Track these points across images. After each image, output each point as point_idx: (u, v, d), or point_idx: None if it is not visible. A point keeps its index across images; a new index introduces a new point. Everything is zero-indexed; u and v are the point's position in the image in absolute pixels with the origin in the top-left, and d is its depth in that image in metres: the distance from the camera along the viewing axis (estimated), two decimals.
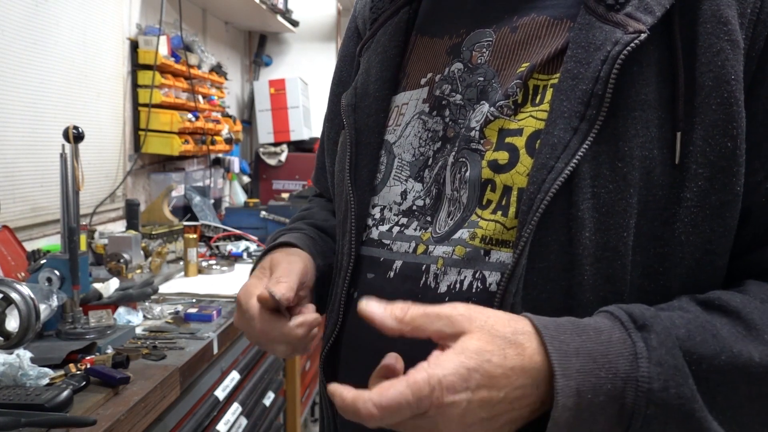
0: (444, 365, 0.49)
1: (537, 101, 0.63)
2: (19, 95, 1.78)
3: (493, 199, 0.63)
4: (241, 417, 1.71)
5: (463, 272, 0.63)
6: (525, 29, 0.66)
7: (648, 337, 0.53)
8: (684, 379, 0.52)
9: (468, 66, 0.69)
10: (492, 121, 0.64)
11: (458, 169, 0.66)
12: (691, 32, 0.58)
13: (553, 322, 0.53)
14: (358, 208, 0.73)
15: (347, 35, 0.89)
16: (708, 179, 0.57)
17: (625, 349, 0.52)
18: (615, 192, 0.57)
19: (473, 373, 0.49)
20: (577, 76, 0.58)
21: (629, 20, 0.57)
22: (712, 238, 0.58)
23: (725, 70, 0.57)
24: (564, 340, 0.52)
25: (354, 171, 0.74)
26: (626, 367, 0.51)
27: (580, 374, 0.51)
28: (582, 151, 0.57)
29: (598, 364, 0.51)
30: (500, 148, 0.63)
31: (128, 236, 1.91)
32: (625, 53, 0.56)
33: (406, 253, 0.68)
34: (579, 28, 0.60)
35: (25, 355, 1.07)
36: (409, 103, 0.74)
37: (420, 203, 0.69)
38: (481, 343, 0.50)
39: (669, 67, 0.58)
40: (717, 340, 0.54)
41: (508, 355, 0.50)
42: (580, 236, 0.57)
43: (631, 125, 0.57)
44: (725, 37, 0.57)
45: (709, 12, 0.58)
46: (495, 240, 0.62)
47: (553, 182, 0.57)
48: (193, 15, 3.12)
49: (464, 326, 0.51)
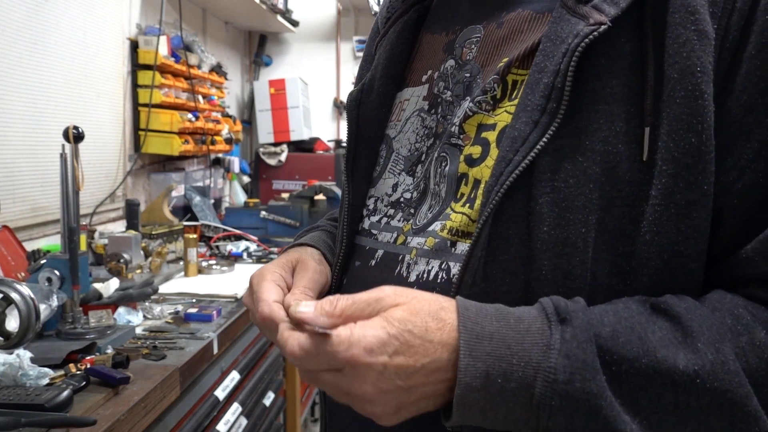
0: (367, 327, 0.52)
1: (513, 96, 0.62)
2: (19, 95, 1.78)
3: (465, 192, 0.64)
4: (241, 417, 1.71)
5: (431, 263, 0.64)
6: (510, 24, 0.66)
7: (565, 329, 0.52)
8: (592, 374, 0.51)
9: (458, 62, 0.70)
10: (471, 116, 0.65)
11: (439, 163, 0.67)
12: (662, 23, 0.56)
13: (476, 306, 0.55)
14: (353, 198, 0.75)
15: (370, 36, 0.91)
16: (672, 176, 0.55)
17: (541, 339, 0.52)
18: (575, 187, 0.56)
19: (393, 339, 0.51)
20: (543, 70, 0.57)
21: (593, 12, 0.56)
22: (679, 239, 0.56)
23: (690, 61, 0.55)
24: (479, 322, 0.53)
25: (352, 162, 0.76)
26: (539, 357, 0.52)
27: (491, 357, 0.51)
28: (541, 144, 0.56)
29: (512, 351, 0.52)
30: (476, 143, 0.64)
31: (128, 236, 1.91)
32: (583, 45, 0.55)
33: (388, 243, 0.70)
34: (552, 22, 0.59)
35: (25, 355, 1.07)
36: (410, 99, 0.75)
37: (408, 196, 0.71)
38: (405, 314, 0.52)
39: (639, 60, 0.56)
40: (642, 342, 0.53)
41: (430, 328, 0.52)
42: (538, 230, 0.56)
43: (593, 119, 0.56)
44: (692, 27, 0.55)
45: (679, 2, 0.56)
46: (461, 232, 0.62)
47: (510, 174, 0.56)
48: (193, 15, 3.12)
49: (392, 301, 0.53)
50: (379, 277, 0.68)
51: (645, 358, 0.52)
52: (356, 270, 0.73)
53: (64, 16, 1.99)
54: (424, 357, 0.52)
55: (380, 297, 0.54)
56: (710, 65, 0.55)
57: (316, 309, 0.54)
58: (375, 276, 0.69)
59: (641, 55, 0.56)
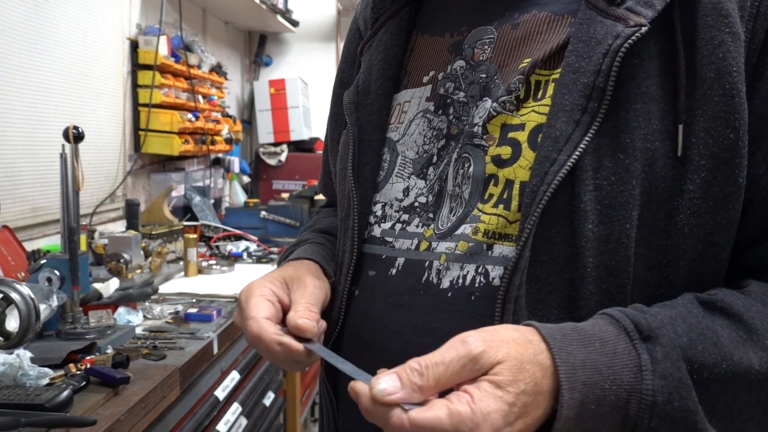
0: (484, 401, 0.47)
1: (539, 96, 0.63)
2: (19, 95, 1.78)
3: (494, 193, 0.63)
4: (241, 417, 1.71)
5: (465, 267, 0.63)
6: (526, 26, 0.67)
7: (653, 349, 0.53)
8: (687, 392, 0.52)
9: (470, 63, 0.70)
10: (495, 116, 0.65)
11: (461, 164, 0.66)
12: (692, 25, 0.59)
13: (559, 332, 0.53)
14: (361, 205, 0.73)
15: (348, 37, 0.89)
16: (711, 170, 0.58)
17: (630, 360, 0.52)
18: (617, 184, 0.57)
19: (512, 407, 0.48)
20: (578, 70, 0.59)
21: (630, 14, 0.58)
22: (714, 230, 0.59)
23: (726, 62, 0.57)
24: (571, 351, 0.52)
25: (356, 168, 0.74)
26: (630, 379, 0.52)
27: (585, 386, 0.51)
28: (584, 144, 0.57)
29: (603, 375, 0.51)
30: (503, 143, 0.64)
31: (128, 236, 1.91)
32: (626, 46, 0.57)
33: (408, 250, 0.68)
34: (580, 23, 0.61)
35: (25, 355, 1.07)
36: (411, 100, 0.74)
37: (422, 200, 0.70)
38: (513, 373, 0.49)
39: (670, 61, 0.59)
40: (718, 348, 0.54)
41: (537, 380, 0.50)
42: (582, 228, 0.57)
43: (632, 117, 0.58)
44: (726, 29, 0.58)
45: (710, 5, 0.58)
46: (498, 234, 0.62)
47: (556, 174, 0.57)
48: (193, 15, 3.12)
49: (489, 359, 0.49)
50: (403, 286, 0.67)
51: (724, 363, 0.54)
52: (372, 280, 0.71)
53: (64, 16, 1.99)
54: (537, 410, 0.50)
55: (472, 353, 0.49)
56: (742, 65, 0.58)
57: (404, 384, 0.48)
58: (398, 285, 0.68)
59: (671, 55, 0.59)
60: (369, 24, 0.83)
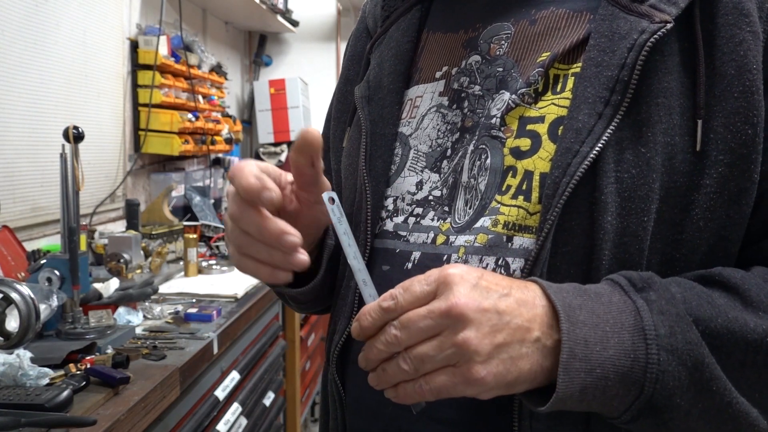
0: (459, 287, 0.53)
1: (558, 89, 0.64)
2: (19, 95, 1.78)
3: (512, 184, 0.64)
4: (241, 417, 1.71)
5: (485, 260, 0.63)
6: (544, 21, 0.68)
7: (647, 295, 0.54)
8: (688, 325, 0.53)
9: (486, 58, 0.70)
10: (513, 108, 0.65)
11: (477, 156, 0.66)
12: (712, 24, 0.60)
13: (554, 284, 0.56)
14: (374, 198, 0.73)
15: (356, 35, 0.89)
16: (728, 166, 0.59)
17: (626, 306, 0.54)
18: (638, 177, 0.58)
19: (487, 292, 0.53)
20: (601, 64, 0.60)
21: (654, 11, 0.59)
22: (727, 225, 0.60)
23: (747, 59, 0.59)
24: (566, 297, 0.54)
25: (369, 162, 0.74)
26: (631, 321, 0.53)
27: (586, 326, 0.52)
28: (606, 136, 0.58)
29: (602, 319, 0.53)
30: (522, 135, 0.64)
31: (128, 236, 1.91)
32: (652, 41, 0.58)
33: (424, 243, 0.68)
34: (601, 19, 0.62)
35: (25, 355, 1.07)
36: (423, 95, 0.74)
37: (437, 193, 0.69)
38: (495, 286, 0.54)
39: (690, 57, 0.60)
40: (713, 306, 0.55)
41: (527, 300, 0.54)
42: (602, 220, 0.58)
43: (654, 111, 0.59)
44: (747, 28, 0.59)
45: (731, 4, 0.60)
46: (518, 226, 0.62)
47: (579, 166, 0.58)
48: (193, 15, 3.12)
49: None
50: None
51: (719, 318, 0.55)
52: (386, 275, 0.70)
53: (64, 16, 1.99)
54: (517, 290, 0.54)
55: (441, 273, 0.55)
56: (761, 64, 0.59)
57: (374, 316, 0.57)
58: None
59: (691, 52, 0.60)
60: (379, 22, 0.83)
